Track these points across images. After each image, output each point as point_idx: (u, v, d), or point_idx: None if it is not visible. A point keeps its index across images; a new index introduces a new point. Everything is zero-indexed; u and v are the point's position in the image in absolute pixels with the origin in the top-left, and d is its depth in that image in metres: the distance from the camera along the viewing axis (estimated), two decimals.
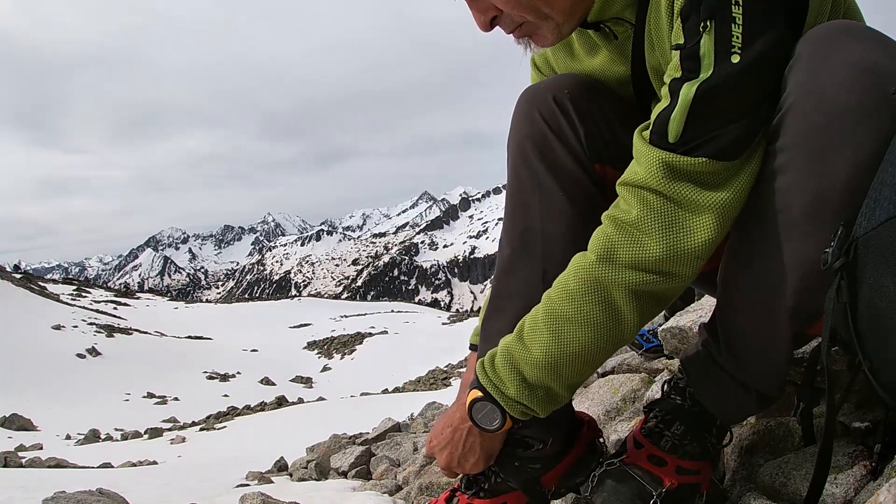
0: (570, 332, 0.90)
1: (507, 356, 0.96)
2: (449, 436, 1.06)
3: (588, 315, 0.89)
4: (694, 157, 0.81)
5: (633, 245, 0.86)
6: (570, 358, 0.91)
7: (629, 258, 0.86)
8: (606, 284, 0.88)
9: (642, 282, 0.86)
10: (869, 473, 0.86)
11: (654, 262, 0.85)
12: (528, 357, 0.93)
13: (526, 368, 0.93)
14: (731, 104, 0.79)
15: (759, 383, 0.96)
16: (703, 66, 0.80)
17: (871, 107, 0.72)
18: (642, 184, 0.85)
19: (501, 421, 0.96)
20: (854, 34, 0.76)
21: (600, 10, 0.97)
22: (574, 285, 0.91)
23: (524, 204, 1.07)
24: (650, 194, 0.85)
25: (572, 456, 1.09)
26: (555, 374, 0.92)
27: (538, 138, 1.06)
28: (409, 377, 19.11)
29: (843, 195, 0.76)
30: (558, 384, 0.93)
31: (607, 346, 0.91)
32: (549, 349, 0.91)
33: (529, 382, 0.93)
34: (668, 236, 0.84)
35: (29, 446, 10.16)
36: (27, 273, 54.86)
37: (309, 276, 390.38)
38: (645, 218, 0.85)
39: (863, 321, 0.73)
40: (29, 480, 4.30)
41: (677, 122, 0.82)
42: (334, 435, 4.69)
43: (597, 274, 0.88)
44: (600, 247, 0.89)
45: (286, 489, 2.60)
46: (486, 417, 0.98)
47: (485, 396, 0.97)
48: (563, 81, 1.07)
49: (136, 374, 21.47)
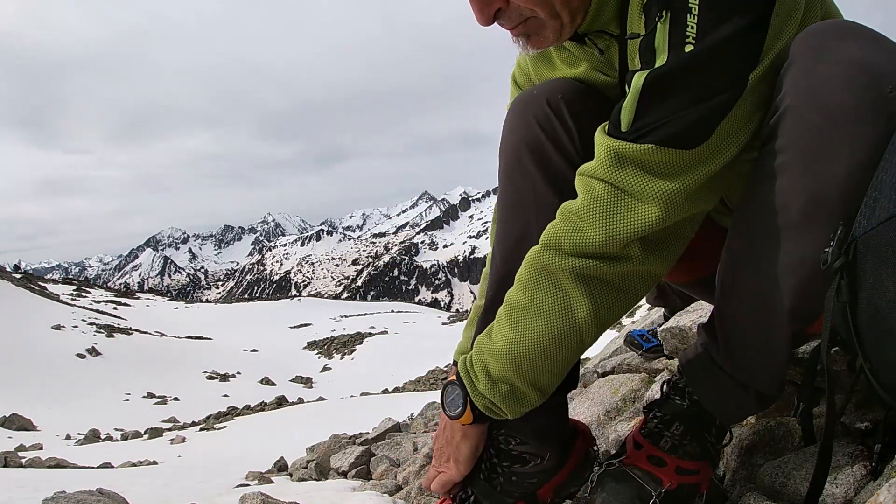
0: (526, 322, 0.91)
1: (477, 351, 0.98)
2: (439, 426, 1.09)
3: (540, 303, 0.91)
4: (640, 144, 0.81)
5: (574, 232, 0.88)
6: (529, 350, 0.91)
7: (570, 245, 0.88)
8: (553, 271, 0.90)
9: (585, 266, 0.88)
10: (869, 473, 0.86)
11: (593, 246, 0.86)
12: (491, 349, 0.94)
13: (490, 361, 0.94)
14: (681, 92, 0.79)
15: (758, 383, 0.95)
16: (658, 56, 0.80)
17: (868, 106, 0.72)
18: (591, 173, 0.87)
19: (462, 409, 0.98)
20: (849, 33, 0.76)
21: (591, 20, 0.96)
22: (525, 275, 0.93)
23: (519, 211, 1.06)
24: (597, 183, 0.86)
25: (567, 468, 1.08)
26: (515, 367, 0.92)
27: (533, 144, 1.04)
28: (409, 377, 19.12)
29: (842, 195, 0.75)
30: (520, 380, 0.93)
31: (564, 338, 0.91)
32: (507, 340, 0.92)
33: (493, 377, 0.94)
34: (606, 222, 0.85)
35: (29, 446, 10.16)
36: (27, 273, 54.85)
37: (309, 276, 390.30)
38: (587, 206, 0.87)
39: (863, 321, 0.73)
40: (29, 480, 4.30)
41: (628, 111, 0.82)
42: (334, 435, 4.69)
43: (543, 261, 0.90)
44: (545, 236, 0.91)
45: (286, 489, 2.60)
46: (453, 402, 1.00)
47: (456, 381, 1.00)
48: (557, 86, 1.06)
49: (136, 374, 21.47)
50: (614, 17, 0.96)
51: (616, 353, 2.37)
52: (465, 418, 0.98)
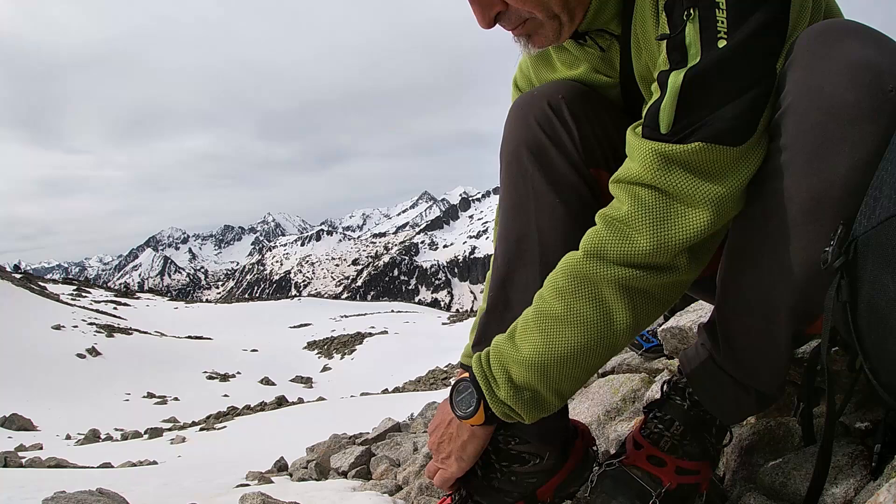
0: (560, 332, 0.88)
1: (497, 355, 0.94)
2: (438, 420, 1.07)
3: (579, 313, 0.87)
4: (688, 144, 0.79)
5: (622, 240, 0.84)
6: (560, 359, 0.88)
7: (617, 254, 0.85)
8: (596, 281, 0.86)
9: (632, 277, 0.85)
10: (869, 473, 0.86)
11: (643, 256, 0.83)
12: (516, 356, 0.91)
13: (514, 368, 0.91)
14: (721, 88, 0.78)
15: (758, 383, 0.95)
16: (690, 55, 0.79)
17: (870, 105, 0.72)
18: (635, 179, 0.84)
19: (474, 410, 0.95)
20: (851, 32, 0.76)
21: (592, 19, 0.96)
22: (564, 283, 0.89)
23: (520, 212, 1.05)
24: (642, 189, 0.83)
25: (567, 468, 1.08)
26: (542, 376, 0.89)
27: (534, 145, 1.04)
28: (409, 377, 19.11)
29: (843, 193, 0.75)
30: (546, 387, 0.90)
31: (598, 349, 0.88)
32: (538, 348, 0.89)
33: (516, 383, 0.91)
34: (657, 229, 0.82)
35: (29, 446, 10.16)
36: (27, 273, 54.87)
37: (309, 276, 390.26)
38: (635, 213, 0.83)
39: (863, 320, 0.73)
40: (29, 480, 4.30)
41: (668, 112, 0.80)
42: (334, 435, 4.69)
43: (586, 270, 0.87)
44: (589, 244, 0.88)
45: (286, 489, 2.60)
46: (463, 401, 0.97)
47: (469, 380, 0.96)
48: (557, 87, 1.06)
49: (136, 374, 21.47)
50: (615, 16, 0.96)
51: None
52: (476, 420, 0.96)
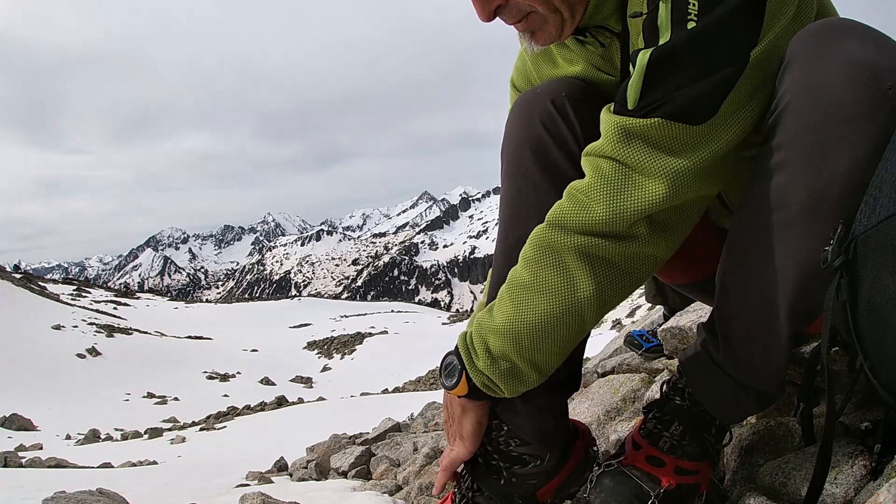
0: (528, 299, 0.92)
1: (477, 327, 0.98)
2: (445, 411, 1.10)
3: (544, 281, 0.91)
4: (648, 119, 0.82)
5: (580, 209, 0.88)
6: (529, 327, 0.91)
7: (575, 223, 0.88)
8: (558, 248, 0.90)
9: (591, 244, 0.88)
10: (869, 473, 0.85)
11: (599, 223, 0.86)
12: (491, 325, 0.95)
13: (490, 338, 0.95)
14: (686, 68, 0.80)
15: (758, 383, 0.95)
16: (661, 34, 0.81)
17: (868, 103, 0.72)
18: (598, 152, 0.88)
19: (456, 381, 0.98)
20: (849, 31, 0.76)
21: (591, 14, 0.96)
22: (530, 252, 0.93)
23: (520, 211, 1.05)
24: (604, 161, 0.87)
25: (567, 469, 1.08)
26: (516, 345, 0.92)
27: (536, 144, 1.04)
28: (409, 377, 19.12)
29: (842, 192, 0.75)
30: (520, 357, 0.93)
31: (566, 318, 0.91)
32: (509, 316, 0.93)
33: (493, 353, 0.94)
34: (613, 198, 0.85)
35: (29, 446, 10.16)
36: (27, 273, 54.88)
37: (309, 276, 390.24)
38: (594, 184, 0.87)
39: (863, 319, 0.73)
40: (29, 480, 4.30)
41: (634, 89, 0.83)
42: (334, 435, 4.69)
43: (548, 238, 0.91)
44: (551, 214, 0.92)
45: (286, 489, 2.60)
46: (448, 373, 1.01)
47: (454, 354, 1.00)
48: (561, 85, 1.06)
49: (136, 374, 21.48)
50: (615, 12, 0.96)
51: (616, 353, 2.37)
52: (459, 390, 0.99)
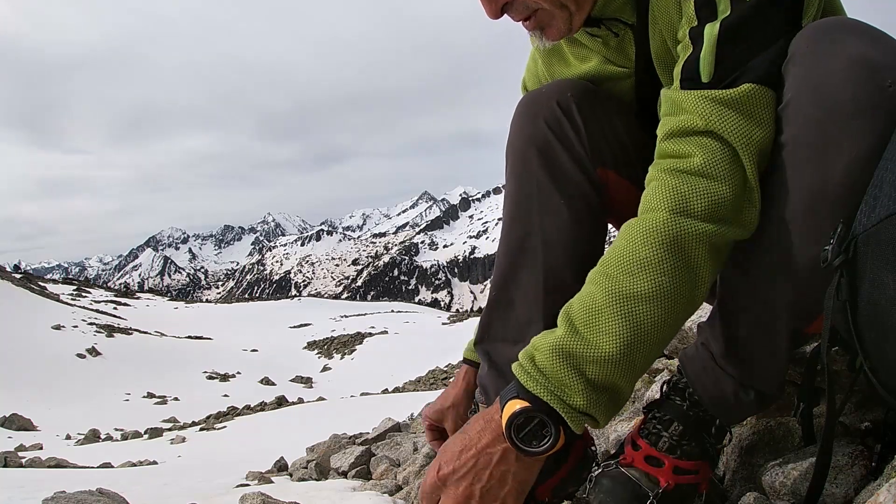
0: (645, 311, 0.77)
1: (561, 356, 0.79)
2: (470, 462, 0.83)
3: (669, 286, 0.77)
4: (738, 87, 0.79)
5: (705, 193, 0.78)
6: (649, 344, 0.78)
7: (704, 208, 0.78)
8: (687, 241, 0.78)
9: (717, 232, 0.78)
10: (869, 473, 0.85)
11: (728, 206, 0.79)
12: (592, 353, 0.78)
13: (590, 367, 0.78)
14: (755, 36, 0.79)
15: (758, 383, 0.95)
16: (720, 9, 0.80)
17: (868, 101, 0.72)
18: (694, 128, 0.81)
19: (555, 439, 0.78)
20: (851, 30, 0.76)
21: (603, 5, 0.97)
22: (647, 252, 0.78)
23: (524, 211, 1.05)
24: (706, 138, 0.81)
25: (565, 468, 1.08)
26: (628, 369, 0.78)
27: (541, 144, 1.04)
28: (409, 377, 19.11)
29: (843, 190, 0.75)
30: (627, 380, 0.79)
31: (681, 319, 0.80)
32: (623, 337, 0.77)
33: (595, 384, 0.78)
34: (733, 176, 0.79)
35: (29, 446, 10.16)
36: (27, 273, 54.91)
37: (309, 276, 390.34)
38: (710, 162, 0.79)
39: (863, 319, 0.73)
40: (29, 480, 4.30)
41: (708, 61, 0.81)
42: (334, 435, 4.69)
43: (676, 231, 0.78)
44: (671, 201, 0.79)
45: (286, 489, 2.60)
46: (533, 435, 0.79)
47: (533, 407, 0.78)
48: (566, 86, 1.06)
49: (136, 374, 21.48)
50: (628, 3, 0.96)
51: None
52: (558, 447, 0.80)
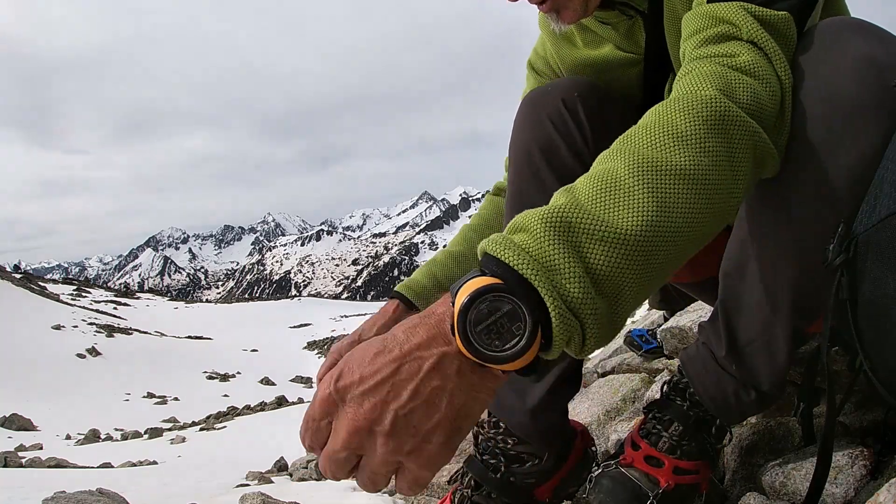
0: (680, 190, 0.59)
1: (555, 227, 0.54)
2: (387, 370, 0.51)
3: (709, 168, 0.61)
4: (777, 11, 0.76)
5: (752, 90, 0.69)
6: (674, 233, 0.58)
7: (748, 101, 0.68)
8: (733, 125, 0.65)
9: (760, 134, 0.68)
10: (869, 473, 0.85)
11: (770, 114, 0.71)
12: (602, 229, 0.55)
13: (595, 249, 0.54)
14: None
15: (759, 383, 0.95)
16: None
17: (873, 100, 0.72)
18: (740, 35, 0.75)
19: (528, 340, 0.49)
20: (857, 29, 0.76)
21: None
22: (688, 125, 0.63)
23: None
24: (750, 46, 0.75)
25: (565, 469, 1.08)
26: (643, 263, 0.56)
27: (545, 144, 1.02)
28: None
29: (846, 189, 0.75)
30: (635, 286, 0.56)
31: (715, 219, 0.63)
32: (647, 214, 0.56)
33: (597, 276, 0.54)
34: (775, 89, 0.73)
35: (29, 446, 10.15)
36: (27, 273, 54.90)
37: (309, 276, 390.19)
38: (757, 63, 0.72)
39: (863, 318, 0.73)
40: (29, 480, 4.30)
41: None
42: None
43: (724, 110, 0.65)
44: (719, 82, 0.68)
45: (286, 489, 2.60)
46: (495, 331, 0.49)
47: (505, 286, 0.50)
48: (572, 84, 1.04)
49: (136, 374, 21.48)
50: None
51: (616, 353, 2.37)
52: (525, 359, 0.50)
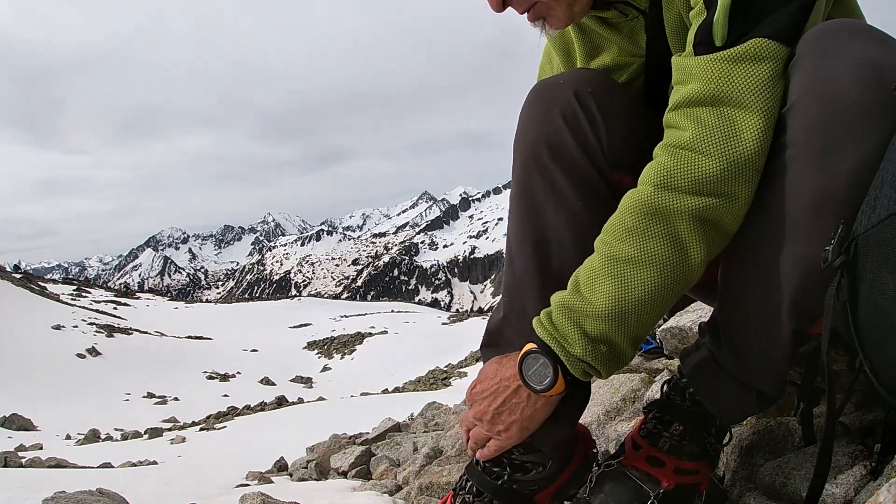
0: (634, 275, 0.84)
1: (564, 311, 0.88)
2: (493, 386, 0.97)
3: (653, 253, 0.84)
4: (747, 42, 0.79)
5: (690, 167, 0.81)
6: (637, 304, 0.84)
7: (688, 182, 0.81)
8: (668, 214, 0.83)
9: (705, 206, 0.81)
10: (869, 473, 0.86)
11: (714, 181, 0.81)
12: (588, 310, 0.86)
13: (588, 322, 0.86)
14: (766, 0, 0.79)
15: (759, 383, 0.95)
16: None
17: (874, 103, 0.72)
18: (694, 99, 0.83)
19: (553, 380, 0.89)
20: (856, 32, 0.76)
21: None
22: (632, 222, 0.85)
23: (537, 212, 1.00)
24: (702, 109, 0.82)
25: (567, 472, 1.08)
26: (620, 324, 0.85)
27: (554, 140, 0.98)
28: (409, 377, 19.10)
29: (846, 192, 0.75)
30: (623, 337, 0.86)
31: (674, 287, 0.85)
32: (613, 296, 0.84)
33: (592, 337, 0.86)
34: (723, 150, 0.80)
35: (29, 446, 10.16)
36: (27, 273, 54.91)
37: (309, 276, 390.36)
38: (699, 136, 0.81)
39: (863, 319, 0.73)
40: (29, 480, 4.30)
41: (721, 24, 0.80)
42: (334, 435, 4.69)
43: (657, 204, 0.83)
44: (656, 176, 0.84)
45: (286, 489, 2.60)
46: (537, 374, 0.91)
47: (539, 350, 0.90)
48: (584, 76, 1.01)
49: (136, 374, 21.48)
50: None
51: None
52: (556, 389, 0.90)
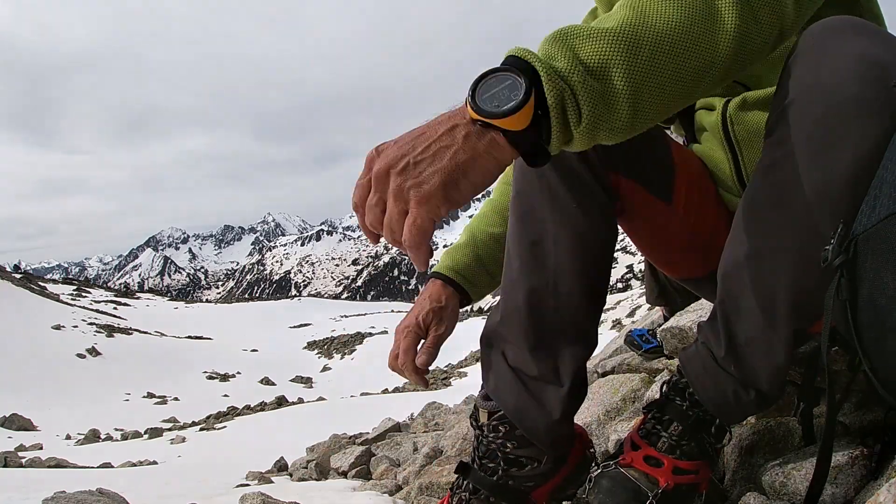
0: (657, 4, 0.69)
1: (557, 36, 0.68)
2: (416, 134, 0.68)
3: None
4: None
5: None
6: (655, 36, 0.67)
7: None
8: None
9: None
10: (869, 473, 0.85)
11: None
12: (589, 31, 0.67)
13: (586, 45, 0.66)
14: None
15: (759, 383, 0.95)
16: None
17: (873, 99, 0.71)
18: None
19: (519, 102, 0.62)
20: (856, 29, 0.76)
21: None
22: None
23: (533, 213, 1.01)
24: None
25: (564, 472, 1.08)
26: (630, 52, 0.66)
27: None
28: None
29: (844, 190, 0.75)
30: (627, 74, 0.65)
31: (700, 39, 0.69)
32: (626, 19, 0.68)
33: (586, 64, 0.65)
34: None
35: (29, 446, 10.16)
36: (27, 273, 54.92)
37: (309, 276, 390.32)
38: None
39: (863, 319, 0.73)
40: (29, 480, 4.30)
41: None
42: (334, 435, 4.69)
43: None
44: None
45: (286, 489, 2.60)
46: (497, 97, 0.64)
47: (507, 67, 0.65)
48: None
49: (136, 374, 21.51)
50: None
51: (616, 353, 2.37)
52: (519, 118, 0.63)
